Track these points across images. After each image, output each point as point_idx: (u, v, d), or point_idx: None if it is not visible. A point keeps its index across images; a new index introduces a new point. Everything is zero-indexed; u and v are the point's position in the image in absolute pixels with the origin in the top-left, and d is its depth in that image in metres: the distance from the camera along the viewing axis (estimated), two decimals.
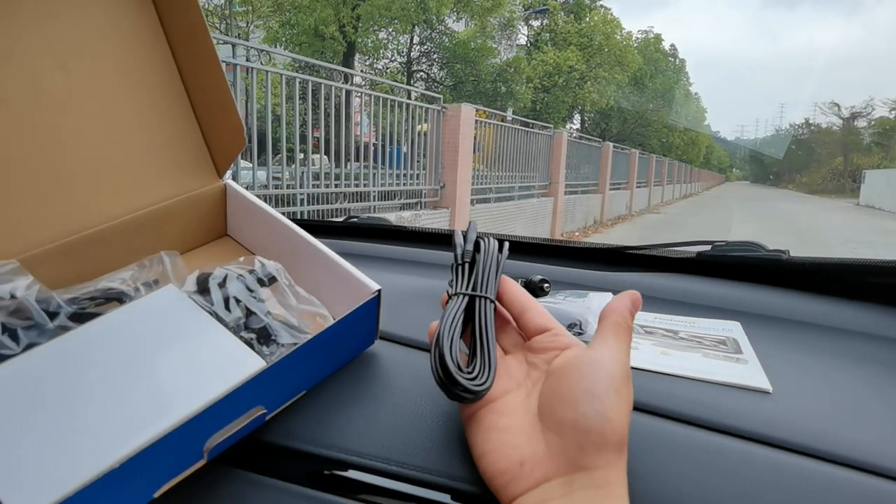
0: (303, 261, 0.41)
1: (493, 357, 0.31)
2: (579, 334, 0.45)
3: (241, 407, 0.30)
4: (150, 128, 0.43)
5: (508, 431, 0.29)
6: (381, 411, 0.34)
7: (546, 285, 0.52)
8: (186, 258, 0.45)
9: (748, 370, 0.40)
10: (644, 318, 0.51)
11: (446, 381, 0.29)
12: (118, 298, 0.34)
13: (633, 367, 0.40)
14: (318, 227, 0.92)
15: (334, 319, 0.35)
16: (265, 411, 0.31)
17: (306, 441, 0.32)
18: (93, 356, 0.30)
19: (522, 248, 0.74)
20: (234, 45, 3.12)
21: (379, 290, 0.37)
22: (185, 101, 0.45)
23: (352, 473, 0.31)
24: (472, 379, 0.29)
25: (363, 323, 0.38)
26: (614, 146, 9.25)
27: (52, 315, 0.32)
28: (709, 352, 0.43)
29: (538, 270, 0.65)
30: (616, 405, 0.27)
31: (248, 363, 0.30)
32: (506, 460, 0.27)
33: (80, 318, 0.32)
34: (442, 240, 0.79)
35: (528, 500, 0.26)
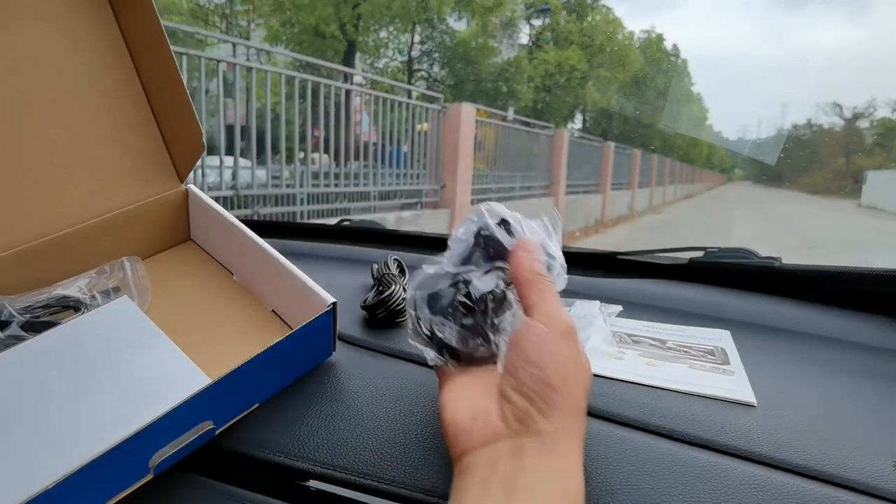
0: (260, 269, 0.41)
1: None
2: None
3: (187, 422, 0.29)
4: (109, 133, 0.43)
5: (470, 389, 0.29)
6: (343, 418, 0.34)
7: None
8: (148, 263, 0.44)
9: (733, 382, 0.39)
10: (633, 326, 0.50)
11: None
12: (73, 307, 0.33)
13: (617, 379, 0.39)
14: (314, 231, 0.90)
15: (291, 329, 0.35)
16: (213, 426, 0.31)
17: (266, 449, 0.32)
18: (40, 371, 0.29)
19: None
20: (234, 45, 3.13)
21: (334, 304, 0.37)
22: (145, 107, 0.45)
23: (314, 483, 0.30)
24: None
25: (317, 336, 0.37)
26: (616, 146, 9.23)
27: (4, 325, 0.31)
28: (695, 362, 0.42)
29: None
30: (556, 368, 0.26)
31: (194, 379, 0.30)
32: (460, 412, 0.28)
33: (34, 326, 0.32)
34: (432, 244, 0.78)
35: (478, 457, 0.26)
